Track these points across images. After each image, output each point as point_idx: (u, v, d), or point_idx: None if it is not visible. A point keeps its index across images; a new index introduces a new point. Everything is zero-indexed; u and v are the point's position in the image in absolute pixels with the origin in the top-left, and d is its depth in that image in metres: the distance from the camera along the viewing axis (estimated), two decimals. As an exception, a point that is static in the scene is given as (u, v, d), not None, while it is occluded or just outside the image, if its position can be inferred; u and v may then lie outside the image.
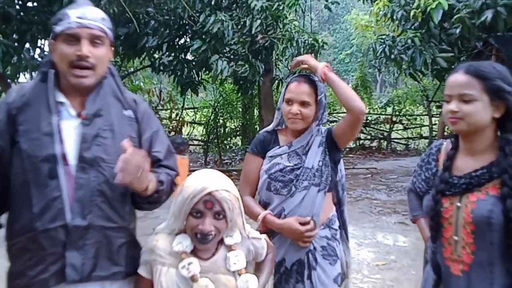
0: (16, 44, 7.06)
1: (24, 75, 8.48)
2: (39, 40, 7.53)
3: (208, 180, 1.66)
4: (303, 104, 2.30)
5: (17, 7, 6.98)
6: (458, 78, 1.73)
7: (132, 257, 1.85)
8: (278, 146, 2.39)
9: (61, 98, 1.80)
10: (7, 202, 1.78)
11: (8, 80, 7.66)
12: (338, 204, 2.48)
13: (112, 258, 1.78)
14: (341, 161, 2.49)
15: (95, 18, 1.79)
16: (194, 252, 1.71)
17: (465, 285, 1.74)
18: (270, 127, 2.50)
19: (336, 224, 2.41)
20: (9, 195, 1.78)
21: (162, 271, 1.69)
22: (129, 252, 1.85)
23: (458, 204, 1.75)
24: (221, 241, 1.75)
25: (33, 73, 8.15)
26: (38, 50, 7.72)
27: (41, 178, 1.71)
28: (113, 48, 1.93)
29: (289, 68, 9.53)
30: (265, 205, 2.38)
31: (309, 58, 2.34)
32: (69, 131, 1.76)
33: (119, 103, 1.89)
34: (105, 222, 1.76)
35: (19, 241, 1.74)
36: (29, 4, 7.14)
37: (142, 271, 1.78)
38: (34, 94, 1.80)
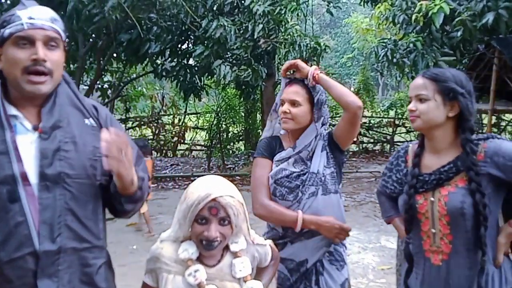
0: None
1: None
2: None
3: (212, 186, 1.65)
4: (293, 103, 2.30)
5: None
6: (416, 81, 1.96)
7: (112, 277, 1.78)
8: (283, 150, 2.39)
9: (13, 110, 1.60)
10: None
11: None
12: None
13: (91, 282, 1.65)
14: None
15: (47, 18, 1.61)
16: (200, 259, 1.70)
17: (446, 273, 1.90)
18: (268, 134, 2.49)
19: None
20: None
21: (168, 279, 1.69)
22: (108, 273, 1.75)
23: (432, 199, 1.92)
24: (227, 248, 1.75)
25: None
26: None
27: (0, 203, 1.52)
28: (66, 52, 1.73)
29: (292, 71, 9.52)
30: None
31: (299, 62, 2.33)
32: (26, 146, 1.58)
33: (79, 112, 1.72)
34: (78, 243, 1.61)
35: None
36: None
37: (147, 279, 1.77)
38: None
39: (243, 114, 12.64)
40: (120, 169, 1.57)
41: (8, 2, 6.92)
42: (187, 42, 9.01)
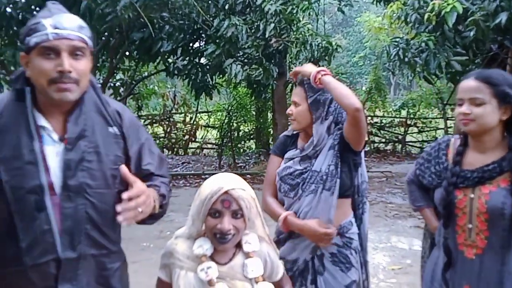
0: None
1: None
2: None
3: (224, 180, 1.69)
4: (294, 104, 2.37)
5: (35, 13, 7.08)
6: (469, 83, 1.93)
7: (126, 278, 1.85)
8: (295, 148, 2.43)
9: (42, 121, 1.63)
10: None
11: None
12: (354, 211, 2.42)
13: (107, 284, 1.72)
14: (363, 165, 2.45)
15: (73, 27, 1.60)
16: (212, 257, 1.73)
17: (479, 267, 1.93)
18: (288, 132, 2.55)
19: (351, 232, 2.36)
20: None
21: (181, 275, 1.72)
22: (124, 275, 1.82)
23: (472, 195, 1.94)
24: (239, 247, 1.77)
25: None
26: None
27: (27, 211, 1.57)
28: (91, 57, 1.72)
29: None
30: None
31: (303, 68, 2.34)
32: (53, 157, 1.61)
33: (103, 119, 1.73)
34: (96, 250, 1.68)
35: (3, 275, 1.62)
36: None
37: (161, 274, 1.81)
38: (10, 116, 1.61)
39: (254, 113, 12.65)
40: (138, 218, 1.62)
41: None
42: (198, 41, 9.04)
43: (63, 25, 1.57)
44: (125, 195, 1.57)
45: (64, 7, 1.71)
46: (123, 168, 1.64)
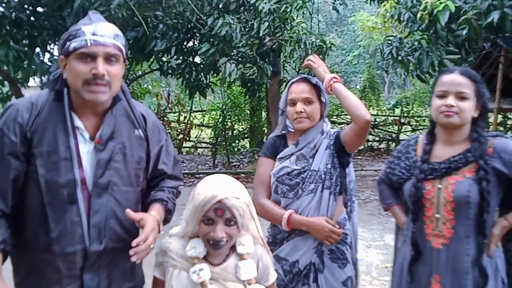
0: (26, 48, 7.15)
1: (34, 79, 8.59)
2: (49, 45, 7.61)
3: (218, 188, 1.66)
4: (306, 101, 2.34)
5: (28, 12, 7.07)
6: (456, 78, 2.02)
7: (142, 272, 1.98)
8: (286, 147, 2.43)
9: (77, 121, 1.76)
10: (18, 220, 1.75)
11: (18, 84, 7.75)
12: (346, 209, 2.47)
13: (125, 276, 1.85)
14: (351, 165, 2.48)
15: (109, 35, 1.73)
16: (206, 257, 1.73)
17: (446, 256, 2.02)
18: (277, 132, 2.53)
19: (347, 228, 2.40)
20: (21, 215, 1.74)
21: (174, 274, 1.72)
22: (139, 268, 1.95)
23: (439, 186, 2.04)
24: (233, 248, 1.77)
25: (42, 77, 8.24)
26: (47, 55, 7.80)
27: (60, 203, 1.70)
28: (125, 64, 1.89)
29: (298, 69, 9.61)
30: None
31: (318, 68, 2.37)
32: (84, 155, 1.75)
33: (131, 123, 1.88)
34: (118, 244, 1.79)
35: (31, 262, 1.74)
36: (40, 9, 7.23)
37: (156, 272, 1.81)
38: (49, 115, 1.74)
39: (248, 112, 12.66)
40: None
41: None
42: (192, 40, 9.02)
43: (101, 33, 1.71)
44: (134, 242, 1.68)
45: (57, 5, 1.76)
46: (130, 212, 1.73)
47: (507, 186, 2.02)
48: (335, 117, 14.47)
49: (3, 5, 6.56)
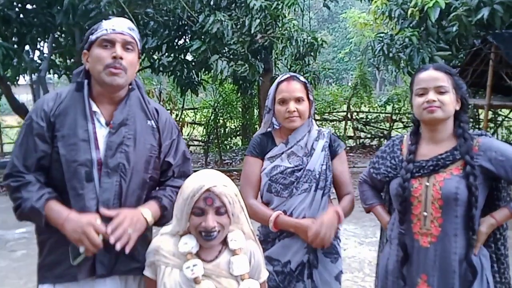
0: (16, 46, 7.08)
1: (24, 77, 8.51)
2: (38, 43, 7.55)
3: (205, 178, 1.69)
4: (298, 100, 2.33)
5: (17, 9, 7.01)
6: (432, 73, 2.03)
7: (146, 247, 2.02)
8: (275, 146, 2.41)
9: (94, 107, 1.96)
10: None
11: (8, 83, 7.68)
12: None
13: (132, 255, 1.91)
14: None
15: (126, 27, 1.99)
16: (198, 254, 1.72)
17: (433, 255, 2.01)
18: (262, 130, 2.52)
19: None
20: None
21: (166, 272, 1.71)
22: (144, 245, 1.98)
23: (427, 183, 2.03)
24: (225, 244, 1.77)
25: (32, 75, 8.18)
26: (37, 52, 7.74)
27: (78, 181, 1.86)
28: (140, 58, 2.10)
29: (289, 66, 9.61)
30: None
31: (327, 233, 2.23)
32: (101, 138, 1.93)
33: (144, 113, 2.06)
34: None
35: (54, 237, 1.88)
36: (29, 6, 7.17)
37: (147, 272, 1.80)
38: (70, 102, 1.96)
39: (240, 109, 12.65)
40: (132, 239, 1.85)
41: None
42: (184, 37, 9.00)
43: (118, 25, 1.98)
44: (109, 229, 1.81)
45: (47, 2, 1.84)
46: (103, 210, 1.85)
47: (492, 185, 2.05)
48: (326, 114, 14.50)
49: (-8, 2, 6.49)
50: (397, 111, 14.78)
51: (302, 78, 2.40)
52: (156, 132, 2.07)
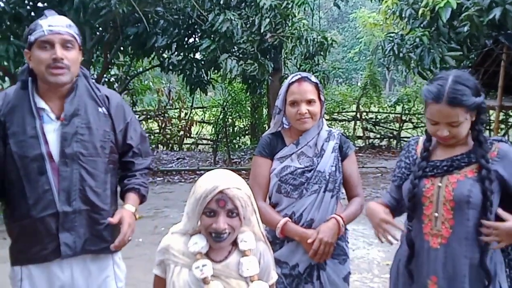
0: (27, 44, 7.12)
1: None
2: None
3: (219, 179, 1.66)
4: (309, 102, 2.31)
5: (28, 7, 7.04)
6: (445, 110, 1.89)
7: (117, 234, 2.18)
8: (285, 147, 2.40)
9: (41, 104, 2.06)
10: (4, 191, 2.10)
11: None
12: None
13: (100, 235, 2.14)
14: None
15: (63, 25, 2.04)
16: (207, 254, 1.71)
17: (443, 257, 1.97)
18: (272, 130, 2.49)
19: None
20: (5, 186, 2.08)
21: (175, 271, 1.70)
22: (115, 231, 2.17)
23: (439, 184, 1.99)
24: (235, 245, 1.76)
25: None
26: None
27: (32, 175, 2.02)
28: (81, 52, 2.16)
29: (299, 65, 9.59)
30: (273, 206, 2.39)
31: (326, 248, 2.26)
32: (51, 132, 2.05)
33: (94, 102, 2.17)
34: (89, 207, 2.10)
35: (18, 226, 2.07)
36: (40, 4, 7.20)
37: (157, 270, 1.79)
38: (17, 101, 2.06)
39: (249, 109, 12.64)
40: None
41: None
42: (193, 36, 9.00)
43: (56, 24, 2.02)
44: (116, 242, 2.11)
45: (58, 0, 1.88)
46: (110, 220, 2.11)
47: (503, 193, 1.98)
48: (336, 114, 14.46)
49: (3, 0, 6.52)
50: (407, 112, 14.71)
51: (313, 79, 2.37)
52: (108, 118, 2.18)
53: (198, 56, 8.96)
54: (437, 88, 1.91)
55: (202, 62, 8.73)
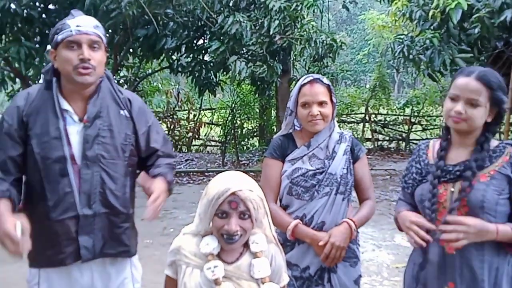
0: (38, 46, 7.18)
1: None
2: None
3: (231, 181, 1.66)
4: (321, 104, 2.31)
5: (39, 9, 7.10)
6: (470, 82, 1.90)
7: (135, 239, 2.22)
8: (296, 148, 2.40)
9: (65, 105, 2.05)
10: (25, 193, 2.09)
11: (29, 82, 7.78)
12: None
13: (119, 239, 2.11)
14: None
15: (91, 26, 2.04)
16: (219, 255, 1.72)
17: (460, 262, 1.92)
18: (283, 131, 2.49)
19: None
20: (25, 188, 2.08)
21: (187, 272, 1.71)
22: (133, 235, 2.20)
23: (452, 189, 1.95)
24: (247, 246, 1.76)
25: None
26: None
27: (53, 176, 1.99)
28: (107, 53, 2.16)
29: (308, 68, 9.59)
30: (284, 208, 2.38)
31: (338, 253, 2.25)
32: (74, 134, 2.04)
33: (116, 104, 2.15)
34: (108, 210, 2.07)
35: (36, 228, 1.97)
36: (51, 6, 7.26)
37: (168, 271, 1.79)
38: (41, 101, 2.04)
39: (257, 110, 12.63)
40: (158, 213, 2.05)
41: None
42: (203, 37, 9.02)
43: (83, 24, 2.02)
44: (150, 200, 1.98)
45: (69, 2, 1.88)
46: (146, 190, 2.06)
47: None
48: (344, 116, 14.42)
49: (15, 2, 6.57)
50: (416, 114, 14.64)
51: (325, 80, 2.37)
52: (130, 121, 2.16)
53: (207, 58, 8.97)
54: (471, 67, 1.96)
55: (211, 64, 8.75)
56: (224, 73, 9.09)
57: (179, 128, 14.39)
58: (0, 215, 1.90)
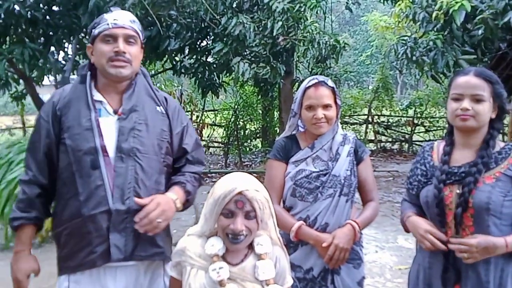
0: (42, 47, 7.19)
1: (48, 77, 8.65)
2: (63, 44, 7.66)
3: (238, 181, 1.68)
4: (326, 107, 2.31)
5: (43, 11, 7.11)
6: (471, 80, 1.94)
7: (169, 241, 2.13)
8: (300, 150, 2.40)
9: (99, 97, 2.03)
10: (54, 193, 2.04)
11: (33, 83, 7.81)
12: None
13: (152, 241, 1.99)
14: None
15: (128, 20, 2.04)
16: (224, 257, 1.72)
17: (465, 263, 1.91)
18: (287, 133, 2.50)
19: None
20: (57, 187, 2.02)
21: (191, 273, 1.71)
22: (167, 238, 2.11)
23: (458, 191, 1.95)
24: (251, 248, 1.76)
25: (57, 75, 8.30)
26: (62, 53, 7.85)
27: (85, 169, 1.93)
28: (143, 49, 2.14)
29: (311, 69, 9.59)
30: (287, 210, 2.39)
31: (342, 254, 2.25)
32: (107, 126, 1.99)
33: (152, 100, 2.12)
34: (142, 207, 1.94)
35: (68, 227, 1.96)
36: (55, 8, 7.27)
37: (173, 272, 1.80)
38: (74, 95, 2.03)
39: (260, 112, 12.65)
40: (160, 227, 1.96)
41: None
42: (206, 39, 9.02)
43: (120, 18, 2.02)
44: (136, 218, 1.91)
45: (73, 4, 1.90)
46: (137, 200, 1.94)
47: None
48: (347, 117, 14.41)
49: (19, 4, 6.58)
50: (419, 115, 14.63)
51: (330, 83, 2.38)
52: (166, 117, 2.13)
53: (210, 59, 8.98)
54: (465, 69, 2.02)
55: (214, 65, 8.76)
56: (227, 74, 9.10)
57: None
58: (18, 255, 1.96)
